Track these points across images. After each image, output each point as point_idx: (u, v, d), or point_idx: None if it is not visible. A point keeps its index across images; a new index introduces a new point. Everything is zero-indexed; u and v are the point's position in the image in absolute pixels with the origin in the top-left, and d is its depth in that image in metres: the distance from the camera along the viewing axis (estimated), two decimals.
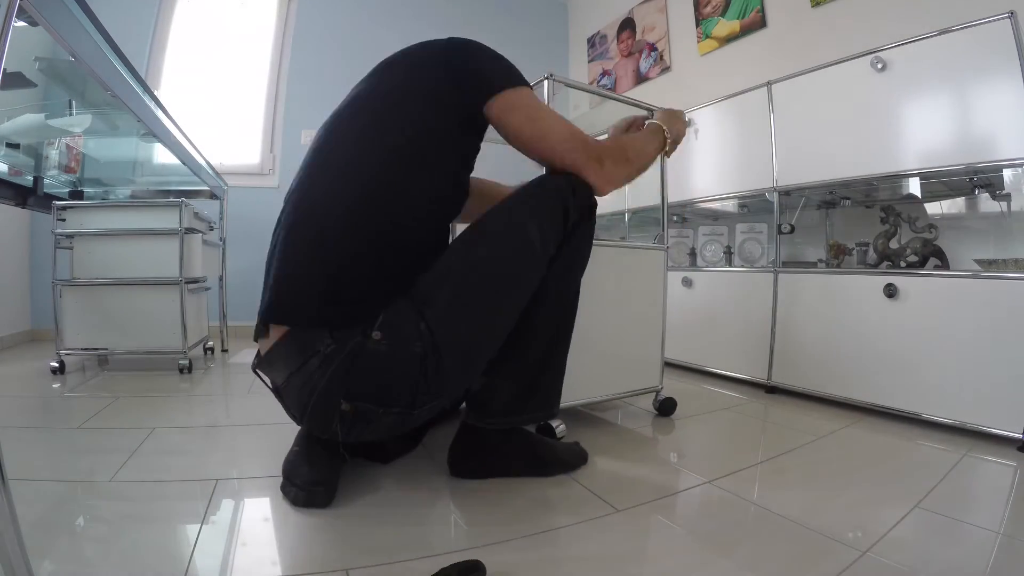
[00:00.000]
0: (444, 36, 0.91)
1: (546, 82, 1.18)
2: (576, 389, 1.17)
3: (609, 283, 1.27)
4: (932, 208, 1.54)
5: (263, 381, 0.84)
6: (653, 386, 1.39)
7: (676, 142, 1.09)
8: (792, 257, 1.94)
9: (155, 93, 1.46)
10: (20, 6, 0.54)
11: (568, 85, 1.26)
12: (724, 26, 2.53)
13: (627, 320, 1.32)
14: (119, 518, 0.75)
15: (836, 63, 1.55)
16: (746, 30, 2.41)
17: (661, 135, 1.04)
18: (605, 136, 1.23)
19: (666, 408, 1.39)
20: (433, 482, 0.92)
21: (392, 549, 0.68)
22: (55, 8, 0.77)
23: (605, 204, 2.56)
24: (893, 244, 1.55)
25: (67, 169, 1.97)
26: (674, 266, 2.14)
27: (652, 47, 3.01)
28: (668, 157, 1.13)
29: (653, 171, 1.16)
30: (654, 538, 0.75)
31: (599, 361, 1.25)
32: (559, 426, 1.13)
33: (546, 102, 1.17)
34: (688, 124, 1.17)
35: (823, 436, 1.25)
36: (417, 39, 0.91)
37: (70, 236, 1.80)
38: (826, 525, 0.78)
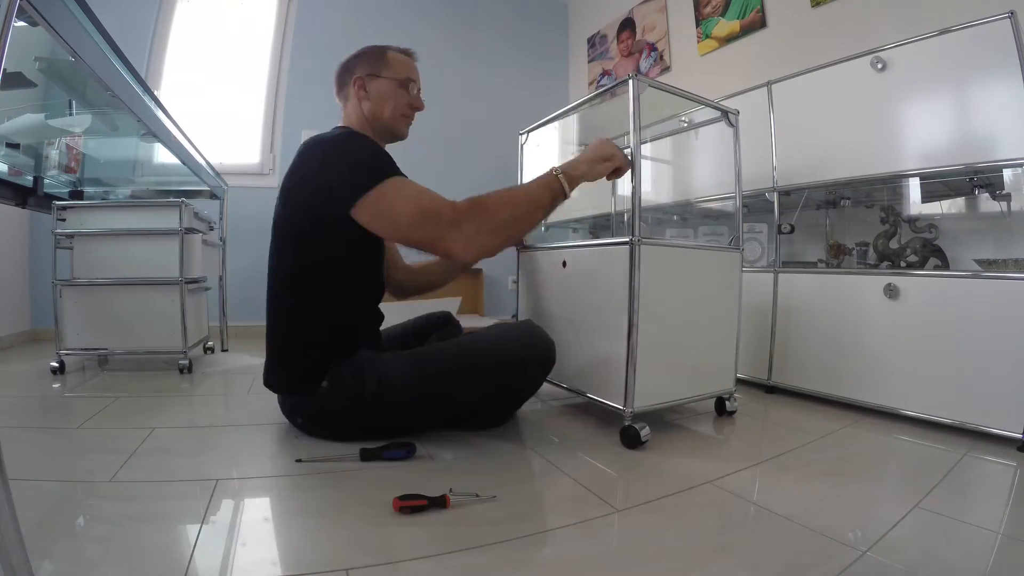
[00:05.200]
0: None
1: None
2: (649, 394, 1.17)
3: (677, 287, 1.24)
4: (932, 208, 1.54)
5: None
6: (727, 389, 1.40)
7: (605, 175, 1.16)
8: (792, 257, 1.94)
9: (155, 93, 1.46)
10: (20, 6, 0.54)
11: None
12: (724, 26, 2.53)
13: (699, 327, 1.32)
14: (119, 518, 0.75)
15: (836, 63, 1.55)
16: (746, 30, 2.41)
17: (555, 183, 1.07)
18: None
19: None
20: (432, 484, 0.92)
21: (392, 549, 0.68)
22: (55, 8, 0.77)
23: (588, 207, 2.58)
24: (893, 244, 1.55)
25: (67, 169, 1.97)
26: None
27: (652, 47, 3.01)
28: (610, 180, 1.20)
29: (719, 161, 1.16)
30: (654, 538, 0.75)
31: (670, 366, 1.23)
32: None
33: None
34: (615, 161, 1.16)
35: (823, 436, 1.25)
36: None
37: (70, 236, 1.80)
38: (826, 525, 0.78)
